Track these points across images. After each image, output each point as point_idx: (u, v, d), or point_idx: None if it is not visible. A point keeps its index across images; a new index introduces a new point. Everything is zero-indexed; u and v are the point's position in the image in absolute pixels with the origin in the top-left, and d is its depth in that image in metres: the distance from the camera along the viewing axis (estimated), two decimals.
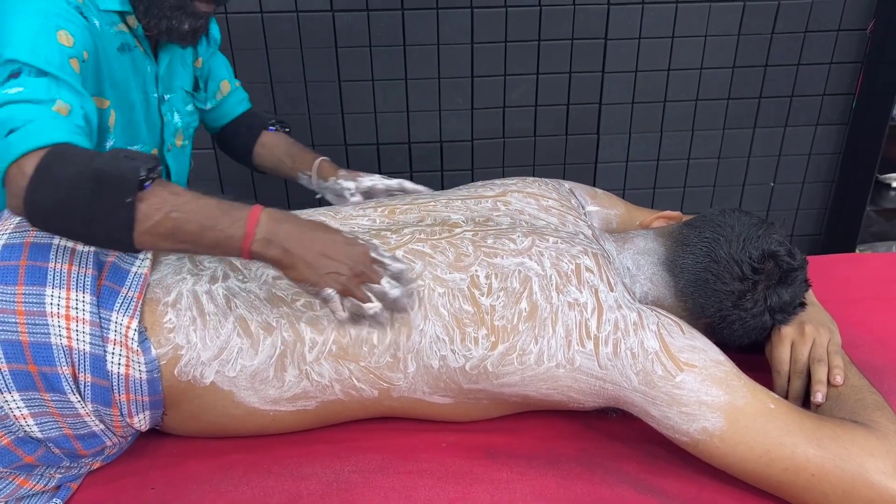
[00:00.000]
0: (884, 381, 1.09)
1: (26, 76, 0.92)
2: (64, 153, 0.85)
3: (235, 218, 0.87)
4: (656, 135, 2.29)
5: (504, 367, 0.95)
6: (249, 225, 0.87)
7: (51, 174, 0.83)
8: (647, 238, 1.11)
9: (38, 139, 0.85)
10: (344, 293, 0.91)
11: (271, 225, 0.88)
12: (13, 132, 0.86)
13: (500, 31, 2.09)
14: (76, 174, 0.82)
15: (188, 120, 1.37)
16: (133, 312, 0.91)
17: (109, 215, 0.83)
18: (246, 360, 0.94)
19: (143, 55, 1.20)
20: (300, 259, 0.88)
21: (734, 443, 0.88)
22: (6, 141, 0.86)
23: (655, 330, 0.94)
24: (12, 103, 0.89)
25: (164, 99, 1.29)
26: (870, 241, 2.45)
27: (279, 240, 0.87)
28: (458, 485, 0.93)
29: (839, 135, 2.35)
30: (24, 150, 0.84)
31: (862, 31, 2.19)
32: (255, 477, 0.95)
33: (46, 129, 0.87)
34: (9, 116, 0.88)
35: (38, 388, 0.87)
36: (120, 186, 0.82)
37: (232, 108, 1.52)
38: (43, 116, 0.89)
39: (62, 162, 0.84)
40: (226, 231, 0.86)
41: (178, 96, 1.33)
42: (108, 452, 0.97)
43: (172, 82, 1.31)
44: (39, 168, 0.83)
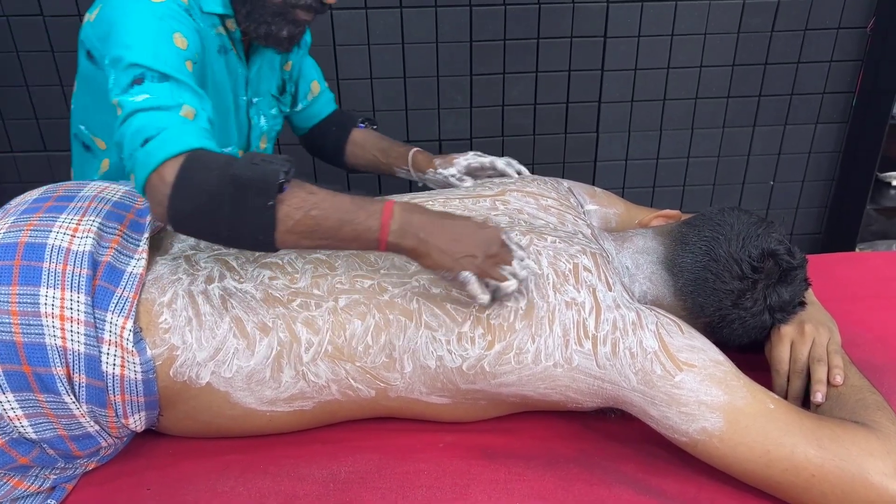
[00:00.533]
0: (884, 380, 1.09)
1: (150, 82, 0.95)
2: (201, 159, 0.88)
3: (371, 211, 0.89)
4: (656, 133, 2.29)
5: (501, 367, 0.94)
6: (385, 216, 0.89)
7: (191, 181, 0.86)
8: (647, 237, 1.10)
9: (175, 146, 0.88)
10: (480, 275, 0.91)
11: (404, 216, 0.90)
12: (149, 141, 0.89)
13: (498, 29, 2.08)
14: (216, 180, 0.85)
15: (272, 123, 1.38)
16: (128, 313, 0.90)
17: (252, 219, 0.86)
18: (242, 361, 0.93)
19: (236, 59, 1.22)
20: (434, 246, 0.90)
21: (733, 443, 0.88)
22: (144, 151, 0.89)
23: (654, 329, 0.94)
24: (142, 111, 0.92)
25: (253, 102, 1.31)
26: (870, 239, 2.44)
27: (413, 229, 0.90)
28: (456, 485, 0.93)
29: (839, 133, 2.34)
30: (163, 158, 0.87)
31: (862, 29, 2.18)
32: (251, 477, 0.94)
33: (180, 135, 0.90)
34: (142, 126, 0.91)
35: (33, 389, 0.87)
36: (261, 190, 0.85)
37: (321, 109, 1.52)
38: (174, 123, 0.91)
39: (201, 168, 0.87)
40: (363, 224, 0.89)
41: (265, 100, 1.34)
42: (103, 453, 0.96)
43: (260, 86, 1.32)
44: (179, 175, 0.86)
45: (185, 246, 1.03)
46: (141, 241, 0.98)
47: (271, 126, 1.39)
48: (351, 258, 1.00)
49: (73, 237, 0.91)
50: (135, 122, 0.91)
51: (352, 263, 0.99)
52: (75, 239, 0.91)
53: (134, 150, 0.90)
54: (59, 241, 0.91)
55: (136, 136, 0.90)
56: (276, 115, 1.40)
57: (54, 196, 0.98)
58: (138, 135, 0.90)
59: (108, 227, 0.96)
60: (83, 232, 0.92)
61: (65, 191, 1.00)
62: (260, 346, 0.93)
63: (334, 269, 0.98)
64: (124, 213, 0.99)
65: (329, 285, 0.97)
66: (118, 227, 0.97)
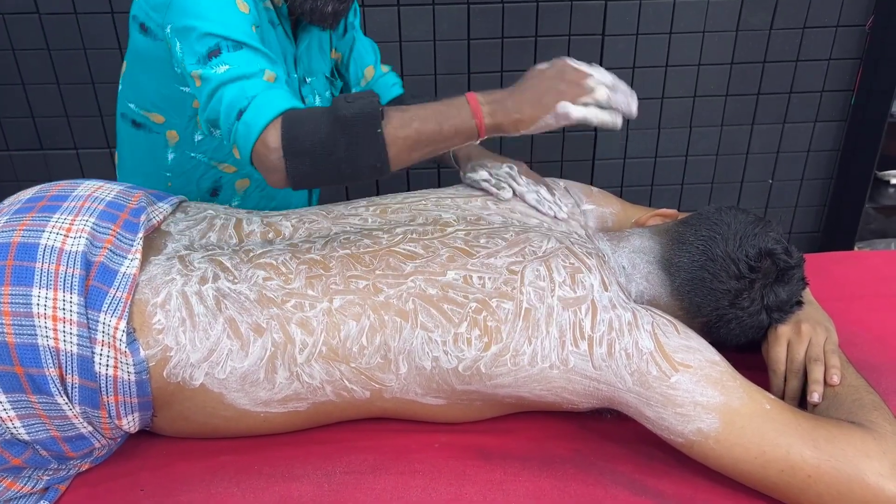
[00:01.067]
0: (882, 380, 1.09)
1: (227, 52, 0.98)
2: (296, 117, 0.93)
3: (459, 105, 0.96)
4: (654, 131, 2.28)
5: (497, 369, 0.94)
6: (473, 104, 0.96)
7: (298, 137, 0.92)
8: (643, 236, 1.10)
9: (269, 112, 0.93)
10: (572, 100, 0.96)
11: (488, 97, 0.97)
12: (243, 113, 0.94)
13: (496, 27, 2.08)
14: (324, 127, 0.91)
15: (325, 104, 1.36)
16: (121, 313, 0.89)
17: (366, 148, 0.92)
18: (236, 362, 0.93)
19: (284, 35, 1.21)
20: (524, 109, 0.96)
21: (729, 444, 0.87)
22: (242, 123, 0.94)
23: (650, 330, 0.93)
24: (228, 83, 0.97)
25: (306, 81, 1.29)
26: (869, 238, 2.44)
27: (501, 105, 0.96)
28: (451, 485, 0.92)
29: (838, 131, 2.34)
30: (262, 126, 0.92)
31: (861, 28, 2.18)
32: (245, 478, 0.94)
33: (271, 100, 0.95)
34: (233, 99, 0.95)
35: (25, 390, 0.86)
36: (367, 122, 0.92)
37: (384, 93, 1.47)
38: (261, 89, 0.96)
39: (301, 123, 0.92)
40: (458, 117, 0.96)
41: (320, 81, 1.33)
42: (96, 454, 0.96)
43: (312, 65, 1.31)
44: (284, 136, 0.92)
45: (179, 246, 1.02)
46: (135, 241, 0.97)
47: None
48: (346, 259, 0.99)
49: (67, 237, 0.91)
50: (225, 97, 0.96)
51: (346, 264, 0.98)
52: (68, 239, 0.91)
53: (231, 125, 0.95)
54: (52, 241, 0.90)
55: (229, 110, 0.95)
56: (330, 98, 1.37)
57: (47, 195, 0.98)
58: (231, 109, 0.95)
59: (101, 226, 0.95)
60: (76, 232, 0.92)
61: (58, 190, 1.00)
62: (254, 347, 0.93)
63: (329, 269, 0.98)
64: (118, 212, 0.99)
65: (323, 286, 0.96)
66: (112, 226, 0.96)
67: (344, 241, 1.02)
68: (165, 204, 1.08)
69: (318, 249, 1.00)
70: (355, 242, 1.01)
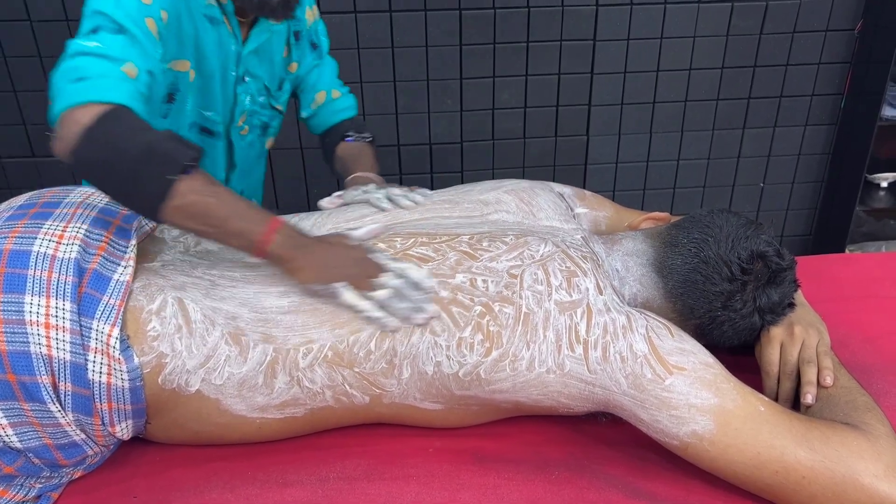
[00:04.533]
0: (873, 381, 1.09)
1: (105, 32, 0.98)
2: (123, 116, 0.91)
3: (262, 217, 0.94)
4: (646, 136, 2.30)
5: (497, 374, 0.94)
6: (273, 224, 0.94)
7: (105, 131, 0.89)
8: (636, 239, 1.10)
9: (103, 95, 0.92)
10: (357, 286, 0.94)
11: (289, 230, 0.95)
12: (82, 80, 0.92)
13: (488, 32, 2.09)
14: (129, 139, 0.89)
15: (254, 109, 1.37)
16: (114, 320, 0.89)
17: (149, 185, 0.89)
18: (234, 368, 0.92)
19: (228, 32, 1.22)
20: (310, 262, 0.94)
21: (724, 446, 0.87)
22: (74, 86, 0.92)
23: (644, 333, 0.93)
24: (87, 55, 0.95)
25: (244, 80, 1.30)
26: (860, 240, 2.45)
27: (293, 243, 0.94)
28: (446, 490, 0.92)
29: (828, 135, 2.35)
30: (88, 99, 0.91)
31: (850, 32, 2.20)
32: (239, 484, 0.93)
33: (113, 87, 0.94)
34: (82, 66, 0.94)
35: (18, 398, 0.86)
36: (166, 163, 0.89)
37: (327, 118, 1.51)
38: (113, 75, 0.95)
39: (119, 123, 0.90)
40: (251, 224, 0.93)
41: (256, 85, 1.34)
42: (89, 461, 0.95)
43: (254, 68, 1.31)
44: (97, 121, 0.89)
45: (175, 253, 1.02)
46: (128, 247, 0.97)
47: (254, 111, 1.37)
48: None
49: (59, 244, 0.91)
50: (75, 62, 0.94)
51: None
52: (61, 246, 0.90)
53: (64, 83, 0.92)
54: (45, 248, 0.90)
55: (71, 72, 0.93)
56: (265, 107, 1.39)
57: (39, 202, 0.98)
58: (74, 72, 0.93)
59: (94, 233, 0.95)
60: (69, 239, 0.92)
61: (50, 197, 0.99)
62: (253, 353, 0.93)
63: None
64: (111, 219, 0.98)
65: None
66: (104, 233, 0.96)
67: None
68: None
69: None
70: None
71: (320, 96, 1.49)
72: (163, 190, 0.89)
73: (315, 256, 0.95)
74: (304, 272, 0.94)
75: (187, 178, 0.90)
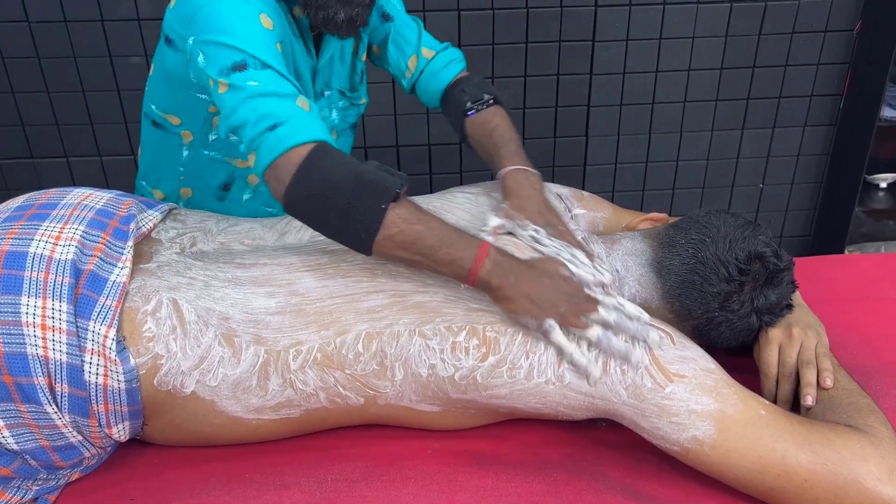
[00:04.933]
0: (871, 383, 1.09)
1: (253, 69, 0.97)
2: (329, 152, 0.93)
3: (470, 243, 0.92)
4: (645, 137, 2.29)
5: (494, 380, 0.94)
6: (481, 251, 0.91)
7: (317, 167, 0.91)
8: (635, 239, 1.10)
9: (305, 135, 0.93)
10: (563, 323, 0.92)
11: (499, 256, 0.92)
12: (278, 126, 0.93)
13: (487, 33, 2.08)
14: (342, 172, 0.90)
15: (342, 115, 1.34)
16: (111, 321, 0.89)
17: (362, 216, 0.89)
18: (228, 370, 0.92)
19: (304, 48, 1.19)
20: (521, 292, 0.91)
21: (725, 450, 0.87)
22: (274, 135, 0.93)
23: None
24: (261, 96, 0.96)
25: (324, 94, 1.28)
26: (859, 241, 2.45)
27: (504, 271, 0.92)
28: (444, 492, 0.92)
29: (827, 135, 2.35)
30: (293, 144, 0.92)
31: (849, 32, 2.19)
32: (236, 486, 0.93)
33: (308, 125, 0.95)
34: (268, 111, 0.94)
35: (14, 400, 0.86)
36: (379, 192, 0.89)
37: (432, 85, 1.32)
38: (299, 113, 0.95)
39: (328, 158, 0.92)
40: (460, 252, 0.91)
41: (336, 95, 1.31)
42: (86, 464, 0.95)
43: (331, 80, 1.29)
44: (307, 160, 0.91)
45: (171, 254, 1.02)
46: (125, 249, 0.97)
47: (342, 118, 1.34)
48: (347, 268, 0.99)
49: (56, 245, 0.90)
50: (260, 107, 0.95)
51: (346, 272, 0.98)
52: (57, 247, 0.90)
53: (260, 132, 0.94)
54: (41, 249, 0.89)
55: (262, 120, 0.94)
56: (348, 107, 1.35)
57: (36, 204, 0.97)
58: (266, 119, 0.94)
59: (91, 235, 0.95)
60: (65, 240, 0.91)
61: (47, 199, 0.99)
62: (246, 354, 0.92)
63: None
64: (108, 220, 0.98)
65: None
66: (101, 235, 0.96)
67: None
68: (155, 212, 1.07)
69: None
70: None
71: (412, 62, 1.32)
72: (376, 220, 0.89)
73: (525, 287, 0.91)
74: (514, 303, 0.92)
75: (396, 206, 0.90)
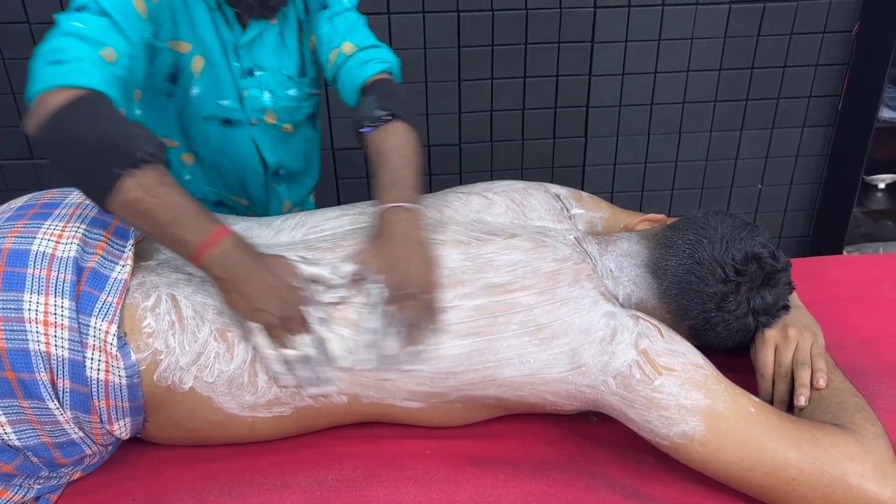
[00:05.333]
0: (869, 383, 1.09)
1: (89, 13, 0.98)
2: (94, 102, 0.92)
3: (203, 227, 0.91)
4: (644, 137, 2.30)
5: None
6: (211, 237, 0.91)
7: (70, 116, 0.89)
8: (631, 240, 1.10)
9: (79, 79, 0.92)
10: (269, 333, 0.93)
11: (230, 248, 0.91)
12: (60, 63, 0.93)
13: (486, 34, 2.09)
14: (90, 127, 0.89)
15: (289, 104, 1.30)
16: (112, 317, 0.90)
17: (97, 176, 0.88)
18: (223, 365, 0.93)
19: (224, 22, 1.19)
20: (240, 290, 0.91)
21: (714, 447, 0.88)
22: (52, 69, 0.93)
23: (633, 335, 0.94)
24: (69, 35, 0.96)
25: (252, 74, 1.24)
26: (858, 241, 2.45)
27: (229, 263, 0.91)
28: (443, 492, 0.92)
29: (826, 136, 2.36)
30: (63, 83, 0.91)
31: (847, 33, 2.20)
32: (236, 486, 0.94)
33: (90, 73, 0.94)
34: (62, 47, 0.95)
35: (16, 395, 0.86)
36: (120, 157, 0.88)
37: (346, 83, 1.22)
38: (90, 58, 0.95)
39: (86, 110, 0.90)
40: (189, 234, 0.90)
41: (273, 77, 1.26)
42: (87, 462, 0.96)
43: (263, 60, 1.25)
44: (66, 106, 0.89)
45: (170, 252, 1.02)
46: (126, 247, 0.97)
47: (284, 107, 1.29)
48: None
49: (58, 243, 0.91)
50: (58, 42, 0.95)
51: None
52: (59, 245, 0.91)
53: (43, 64, 0.94)
54: (44, 247, 0.90)
55: (52, 52, 0.94)
56: (301, 97, 1.30)
57: (39, 203, 0.98)
58: (55, 53, 0.94)
59: (92, 233, 0.96)
60: (68, 238, 0.92)
61: (49, 198, 1.00)
62: (238, 350, 0.93)
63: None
64: (109, 219, 0.99)
65: None
66: (103, 233, 0.97)
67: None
68: None
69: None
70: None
71: (333, 55, 1.23)
72: (110, 183, 0.88)
73: (246, 286, 0.91)
74: (231, 297, 0.92)
75: (138, 173, 0.88)
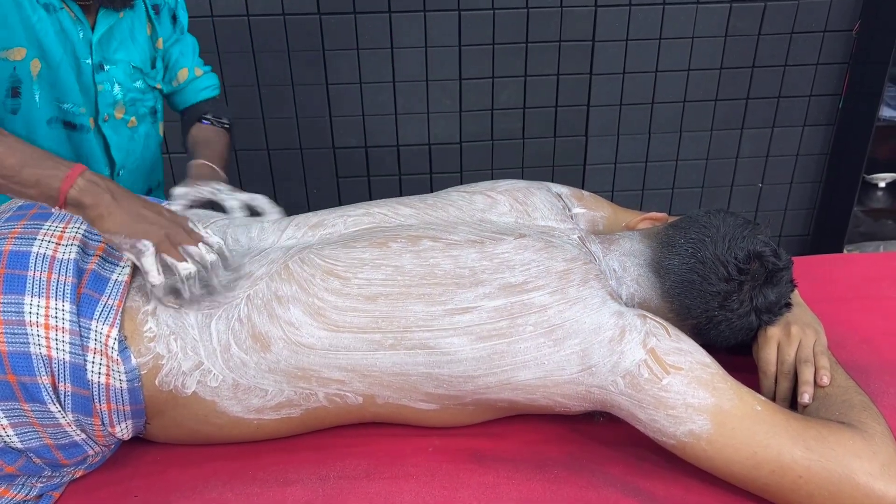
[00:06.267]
0: (870, 381, 1.09)
1: None
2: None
3: (60, 163, 0.87)
4: (644, 136, 2.30)
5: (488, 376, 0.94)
6: (73, 170, 0.87)
7: None
8: (633, 239, 1.10)
9: None
10: (159, 248, 0.89)
11: (95, 177, 0.88)
12: None
13: (487, 33, 2.09)
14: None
15: (135, 96, 1.34)
16: (113, 321, 0.89)
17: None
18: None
19: (70, 19, 1.19)
20: (118, 208, 0.88)
21: (721, 445, 0.88)
22: None
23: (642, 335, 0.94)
24: None
25: (103, 68, 1.27)
26: (858, 240, 2.46)
27: (100, 189, 0.87)
28: (445, 489, 0.93)
29: (826, 135, 2.36)
30: None
31: (848, 32, 2.20)
32: (238, 484, 0.94)
33: None
34: None
35: (18, 399, 0.86)
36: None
37: (189, 96, 1.47)
38: None
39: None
40: (48, 170, 0.86)
41: (122, 69, 1.30)
42: (90, 461, 0.96)
43: (113, 53, 1.28)
44: None
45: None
46: None
47: (133, 99, 1.34)
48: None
49: (58, 245, 0.91)
50: None
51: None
52: (60, 247, 0.91)
53: None
54: (44, 249, 0.90)
55: None
56: (145, 89, 1.36)
57: (38, 204, 0.98)
58: None
59: (92, 235, 0.95)
60: (68, 240, 0.92)
61: None
62: None
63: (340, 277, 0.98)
64: None
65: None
66: None
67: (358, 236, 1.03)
68: None
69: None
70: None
71: (182, 74, 1.44)
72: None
73: (125, 205, 0.88)
74: (110, 220, 0.87)
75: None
